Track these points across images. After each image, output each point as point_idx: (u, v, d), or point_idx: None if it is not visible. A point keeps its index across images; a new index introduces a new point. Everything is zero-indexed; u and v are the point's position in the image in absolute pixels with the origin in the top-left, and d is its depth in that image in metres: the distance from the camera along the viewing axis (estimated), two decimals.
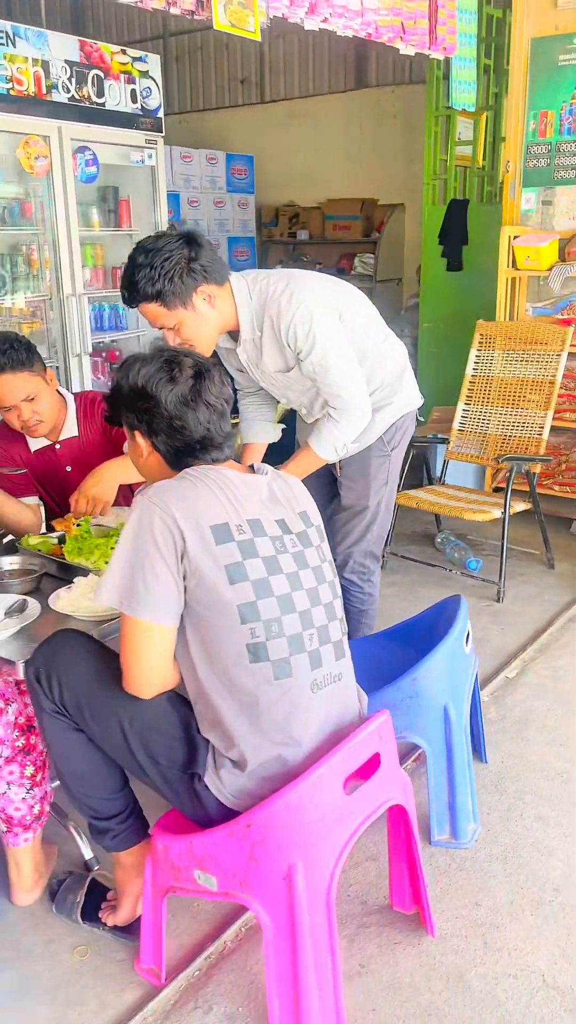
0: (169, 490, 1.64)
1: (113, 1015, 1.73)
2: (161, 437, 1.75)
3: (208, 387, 1.74)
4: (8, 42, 3.74)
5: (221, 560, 1.59)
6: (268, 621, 1.61)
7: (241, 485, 1.70)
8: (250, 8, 2.88)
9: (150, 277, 2.20)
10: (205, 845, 1.63)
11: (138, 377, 1.75)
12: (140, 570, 1.59)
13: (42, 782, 1.96)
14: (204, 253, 2.25)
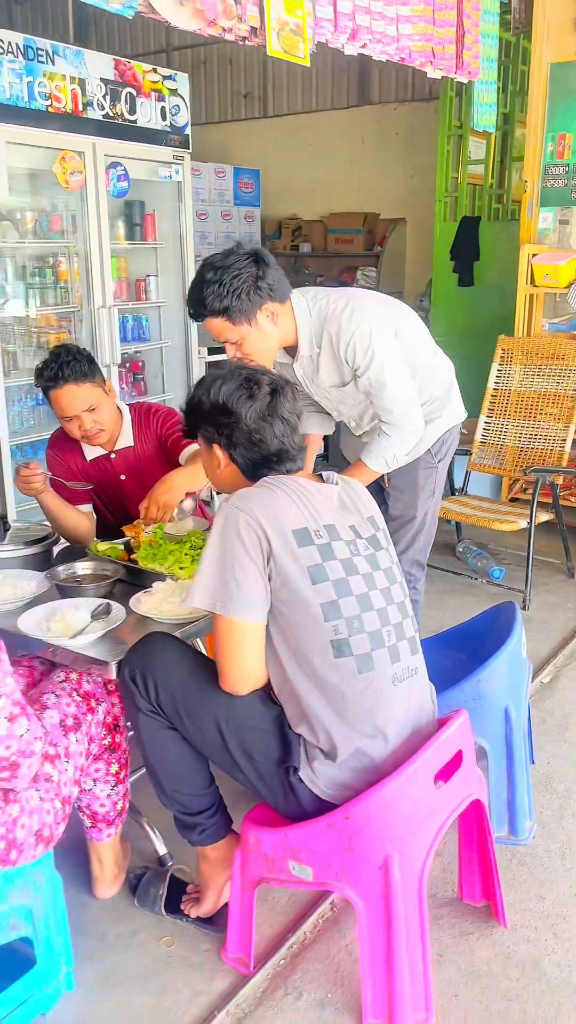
0: (252, 497, 1.74)
1: (206, 1002, 1.80)
2: (239, 450, 1.84)
3: (283, 403, 1.85)
4: (48, 60, 3.83)
5: (303, 562, 1.69)
6: (349, 618, 1.71)
7: (315, 493, 1.79)
8: (300, 35, 2.98)
9: (219, 293, 2.28)
10: (302, 837, 1.72)
11: (219, 394, 1.84)
12: (230, 571, 1.68)
13: (125, 779, 2.03)
14: (270, 272, 2.34)
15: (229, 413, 1.83)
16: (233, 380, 1.86)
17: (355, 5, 3.28)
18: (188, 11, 2.59)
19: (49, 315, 4.44)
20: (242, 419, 1.82)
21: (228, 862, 1.93)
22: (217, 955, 1.91)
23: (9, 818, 1.63)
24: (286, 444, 1.84)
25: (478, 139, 5.81)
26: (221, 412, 1.84)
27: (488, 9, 4.11)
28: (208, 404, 1.87)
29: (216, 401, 1.85)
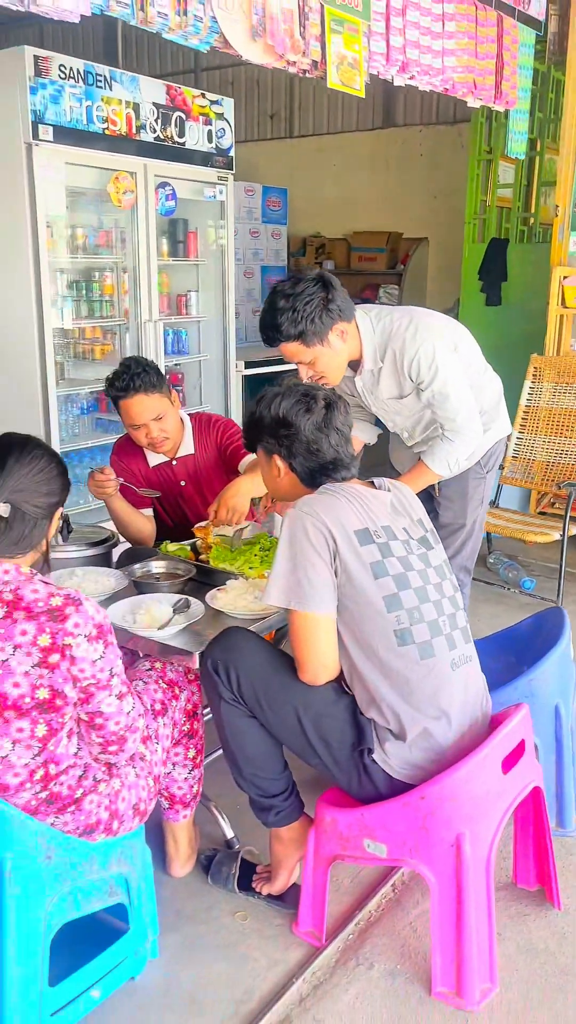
0: (316, 502, 1.89)
1: (283, 970, 1.93)
2: (298, 459, 2.00)
3: (336, 416, 2.01)
4: (106, 85, 4.00)
5: (366, 559, 1.84)
6: (410, 609, 1.86)
7: (371, 498, 1.95)
8: (356, 69, 3.15)
9: (292, 319, 2.44)
10: (377, 816, 1.85)
11: (279, 408, 2.01)
12: (302, 570, 1.83)
13: (200, 764, 2.17)
14: (337, 294, 2.49)
15: (289, 425, 1.99)
16: (291, 396, 2.03)
17: (405, 40, 3.45)
18: (260, 46, 2.76)
19: (95, 328, 4.60)
20: (301, 431, 1.98)
21: (299, 843, 2.07)
22: (289, 929, 2.04)
23: (112, 791, 1.77)
24: (340, 453, 2.00)
25: (507, 163, 5.99)
26: (281, 425, 2.00)
27: (525, 42, 4.29)
28: (269, 418, 2.03)
29: (276, 415, 2.01)
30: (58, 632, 1.58)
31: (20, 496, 1.65)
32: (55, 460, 1.74)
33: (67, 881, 1.70)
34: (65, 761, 1.67)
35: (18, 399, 4.12)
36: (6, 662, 1.56)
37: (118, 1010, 1.82)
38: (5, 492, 1.64)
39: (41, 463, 1.70)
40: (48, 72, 3.74)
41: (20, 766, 1.61)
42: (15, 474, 1.65)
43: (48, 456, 1.73)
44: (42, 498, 1.69)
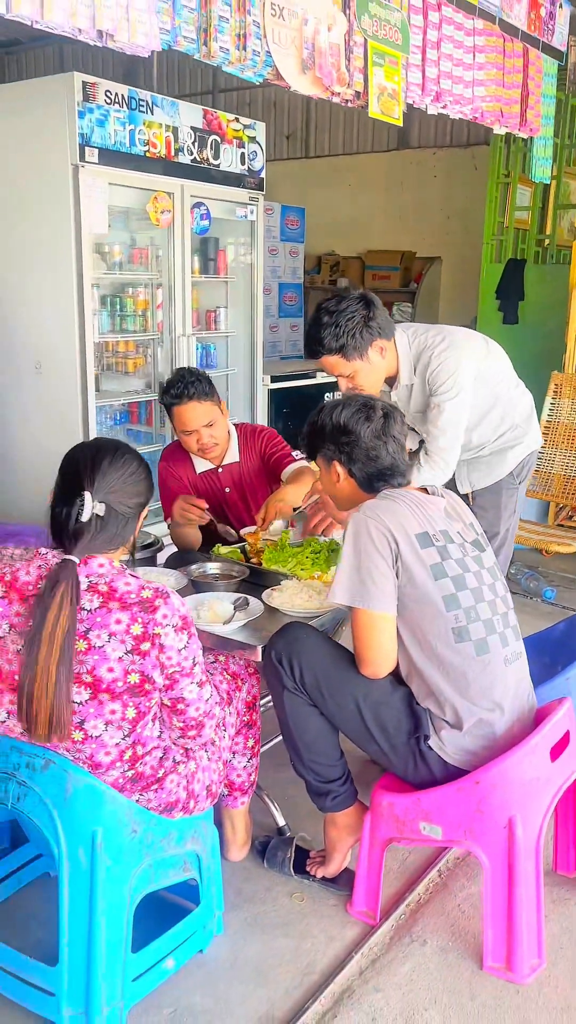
0: (378, 507, 2.02)
1: (341, 946, 2.05)
2: (358, 465, 2.14)
3: (394, 425, 2.15)
4: (147, 110, 4.18)
5: (426, 561, 1.97)
6: (467, 608, 1.99)
7: (427, 503, 2.08)
8: (396, 99, 3.32)
9: (335, 334, 2.59)
10: (433, 800, 1.98)
11: (340, 417, 2.15)
12: (366, 571, 1.96)
13: (257, 753, 2.29)
14: (378, 312, 2.64)
15: (349, 433, 2.13)
16: (352, 406, 2.17)
17: (439, 72, 3.62)
18: (309, 79, 2.92)
19: (128, 342, 4.75)
20: (361, 438, 2.12)
21: (353, 828, 2.19)
22: (344, 909, 2.16)
23: (189, 772, 1.89)
24: (397, 460, 2.14)
25: (524, 187, 6.16)
26: (342, 433, 2.14)
27: (548, 71, 4.47)
28: (330, 426, 2.17)
29: (337, 423, 2.15)
30: (149, 622, 1.71)
31: (114, 496, 1.78)
32: (142, 464, 1.88)
33: (148, 855, 1.82)
34: (150, 743, 1.80)
35: (59, 410, 4.27)
36: (102, 648, 1.69)
37: (190, 979, 1.94)
38: (101, 493, 1.77)
39: (132, 466, 1.84)
40: (95, 97, 3.91)
41: (111, 745, 1.73)
42: (109, 476, 1.79)
43: (137, 460, 1.87)
44: (132, 498, 1.82)
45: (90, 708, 1.70)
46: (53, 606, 1.67)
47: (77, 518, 1.74)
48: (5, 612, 1.74)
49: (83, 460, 1.81)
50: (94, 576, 1.73)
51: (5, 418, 4.46)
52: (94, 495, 1.76)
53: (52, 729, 1.68)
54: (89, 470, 1.79)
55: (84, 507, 1.74)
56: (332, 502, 2.37)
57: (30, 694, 1.67)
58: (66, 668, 1.66)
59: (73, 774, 1.72)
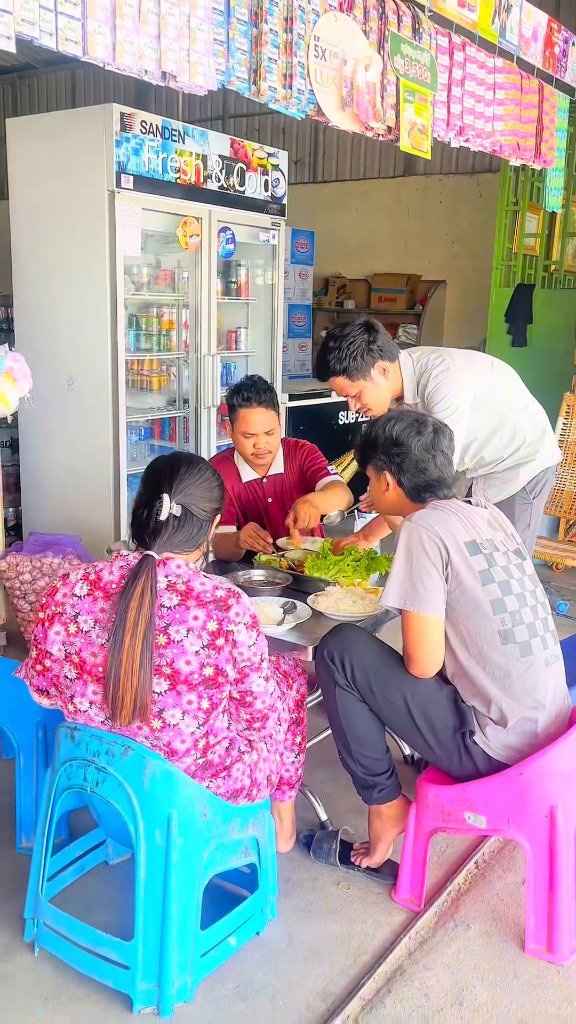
0: (429, 516, 2.17)
1: (389, 930, 2.17)
2: (407, 476, 2.29)
3: (442, 440, 2.30)
4: (179, 139, 4.36)
5: (475, 568, 2.12)
6: (512, 613, 2.13)
7: (473, 514, 2.22)
8: (425, 134, 3.50)
9: (338, 357, 2.77)
10: (478, 791, 2.11)
11: (392, 430, 2.30)
12: (417, 576, 2.10)
13: (304, 750, 2.42)
14: (380, 337, 2.82)
15: (400, 445, 2.28)
16: (404, 420, 2.32)
17: (463, 108, 3.81)
18: (348, 115, 3.10)
19: (153, 360, 4.91)
20: (411, 450, 2.26)
21: (397, 820, 2.32)
22: (388, 897, 2.29)
23: (253, 762, 2.02)
24: (444, 473, 2.29)
25: (532, 214, 6.38)
26: (394, 444, 2.29)
27: (561, 107, 4.68)
28: (383, 438, 2.32)
29: (390, 435, 2.30)
30: (223, 619, 1.85)
31: (190, 499, 1.93)
32: (216, 474, 2.03)
33: (216, 838, 1.95)
34: (220, 733, 1.93)
35: (90, 425, 4.42)
36: (180, 642, 1.83)
37: (250, 958, 2.06)
38: (179, 495, 1.92)
39: (207, 474, 1.99)
40: (132, 127, 4.09)
41: (187, 734, 1.86)
42: (186, 480, 1.94)
43: (211, 470, 2.02)
44: (207, 503, 1.97)
45: (169, 698, 1.84)
46: (135, 597, 1.81)
47: (156, 517, 1.89)
48: (91, 608, 1.88)
49: (163, 467, 1.97)
50: (172, 576, 1.87)
51: (38, 432, 4.60)
52: (172, 497, 1.91)
53: (136, 712, 1.81)
54: (168, 476, 1.94)
55: (163, 507, 1.89)
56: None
57: (116, 679, 1.81)
58: (148, 654, 1.80)
59: (151, 760, 1.85)
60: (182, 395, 4.99)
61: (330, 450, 3.56)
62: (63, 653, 1.91)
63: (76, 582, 1.92)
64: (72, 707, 1.93)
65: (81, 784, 1.94)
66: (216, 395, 4.91)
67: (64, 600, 1.92)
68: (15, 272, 4.57)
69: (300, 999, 1.95)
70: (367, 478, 2.43)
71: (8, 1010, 1.90)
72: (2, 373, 3.37)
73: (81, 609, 1.89)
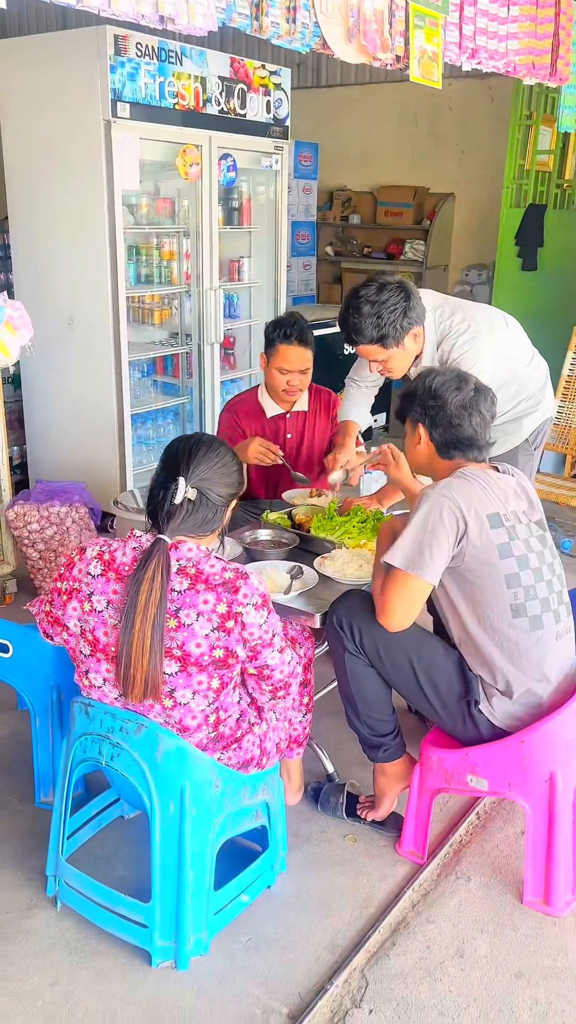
0: (454, 486, 2.16)
1: (393, 883, 2.28)
2: (439, 430, 2.27)
3: (482, 400, 2.27)
4: (177, 61, 4.15)
5: (494, 540, 2.12)
6: (527, 587, 2.15)
7: (500, 483, 2.21)
8: (435, 61, 3.33)
9: (376, 324, 2.69)
10: (480, 755, 2.18)
11: (433, 382, 2.28)
12: (428, 544, 2.10)
13: (311, 708, 2.49)
14: (416, 301, 2.74)
15: (437, 398, 2.25)
16: (447, 375, 2.30)
17: (475, 28, 3.61)
18: (355, 47, 2.94)
19: (155, 294, 4.80)
20: (447, 404, 2.24)
21: (401, 777, 2.40)
22: (393, 849, 2.39)
23: (262, 732, 2.09)
24: (478, 434, 2.26)
25: (546, 127, 6.11)
26: (431, 397, 2.27)
27: None
28: (422, 389, 2.30)
29: (429, 387, 2.28)
30: (232, 602, 1.87)
31: (206, 484, 1.92)
32: (236, 459, 2.02)
33: (228, 806, 2.02)
34: (231, 708, 1.99)
35: (92, 364, 4.36)
36: (191, 626, 1.86)
37: (261, 911, 2.17)
38: (195, 479, 1.91)
39: (225, 458, 1.98)
40: (127, 50, 3.89)
41: (198, 711, 1.92)
42: (203, 464, 1.93)
43: (231, 455, 2.00)
44: (223, 488, 1.96)
45: (179, 679, 1.88)
46: (146, 579, 1.83)
47: (171, 500, 1.89)
48: (104, 589, 1.90)
49: (181, 450, 1.96)
50: (183, 559, 1.89)
51: (39, 374, 4.55)
52: (188, 480, 1.91)
53: (147, 691, 1.86)
54: (186, 458, 1.94)
55: (178, 490, 1.89)
56: (394, 464, 2.53)
57: (128, 659, 1.85)
58: (159, 634, 1.84)
59: (164, 737, 1.91)
60: (184, 330, 4.90)
61: (336, 381, 3.54)
62: (79, 629, 1.95)
63: (91, 560, 1.94)
64: (87, 681, 1.98)
65: (96, 758, 2.01)
66: (219, 330, 4.82)
67: (80, 577, 1.94)
68: (10, 210, 4.44)
69: (309, 951, 2.06)
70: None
71: (33, 964, 2.02)
72: (1, 322, 3.32)
73: (95, 589, 1.91)
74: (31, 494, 3.72)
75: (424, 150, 8.88)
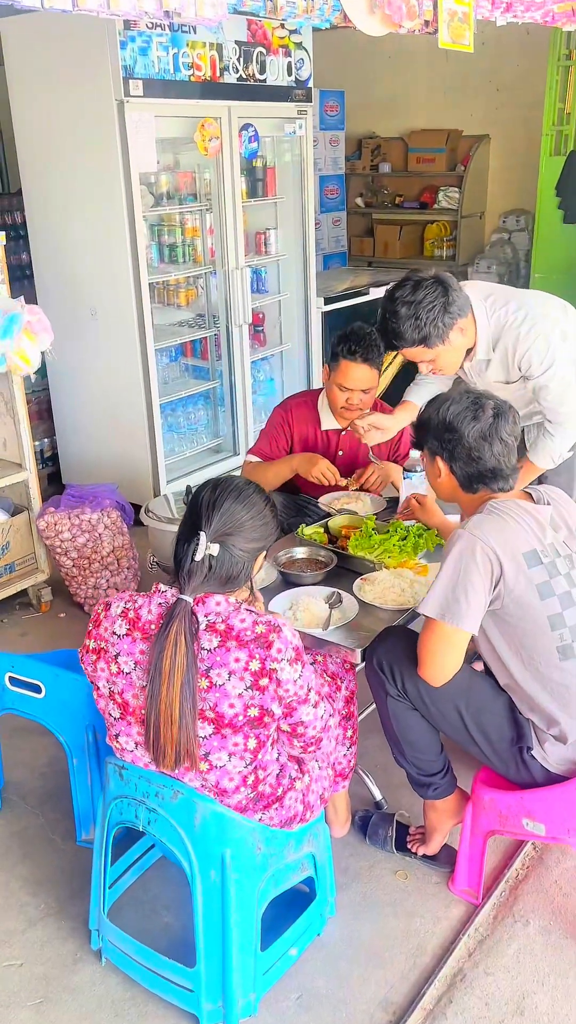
0: (487, 525, 1.99)
1: (448, 926, 2.19)
2: (459, 464, 2.10)
3: (503, 426, 2.08)
4: (191, 29, 3.90)
5: (533, 580, 1.97)
6: (572, 627, 2.00)
7: (536, 515, 2.04)
8: (466, 23, 3.06)
9: (416, 326, 2.50)
10: (537, 800, 2.06)
11: (447, 413, 2.10)
12: (462, 589, 1.95)
13: (356, 741, 2.38)
14: (456, 295, 2.53)
15: (453, 430, 2.08)
16: (461, 402, 2.11)
17: None
18: (378, 17, 2.70)
19: (179, 275, 4.62)
20: (464, 437, 2.07)
21: (453, 812, 2.30)
22: (446, 887, 2.30)
23: (305, 786, 1.99)
24: (502, 463, 2.08)
25: None
26: (446, 429, 2.09)
27: None
28: (436, 421, 2.12)
29: (443, 419, 2.10)
30: (265, 658, 1.75)
31: (230, 539, 1.79)
32: (268, 506, 1.87)
33: (272, 866, 1.94)
34: (270, 766, 1.88)
35: (118, 355, 4.22)
36: (222, 686, 1.75)
37: (311, 963, 2.10)
38: (218, 534, 1.78)
39: (254, 510, 1.83)
40: (136, 23, 3.66)
41: (235, 773, 1.82)
42: (228, 517, 1.79)
43: (263, 503, 1.85)
44: (250, 543, 1.82)
45: (214, 742, 1.78)
46: (168, 645, 1.72)
47: (192, 557, 1.77)
48: (130, 649, 1.80)
49: (205, 500, 1.82)
50: (212, 615, 1.77)
51: (63, 368, 4.43)
52: (209, 535, 1.78)
53: (179, 761, 1.77)
54: (208, 510, 1.80)
55: (199, 547, 1.76)
56: (422, 510, 2.40)
57: (156, 728, 1.75)
58: (190, 704, 1.73)
59: (201, 803, 1.82)
60: (211, 310, 4.72)
61: None
62: (107, 691, 1.86)
63: (115, 618, 1.83)
64: (118, 745, 1.89)
65: (133, 821, 1.93)
66: (247, 311, 4.64)
67: (106, 636, 1.84)
68: (26, 197, 4.28)
69: (362, 1009, 1.99)
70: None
71: None
72: (21, 329, 3.19)
73: (121, 649, 1.81)
74: (60, 500, 3.63)
75: (456, 89, 8.42)
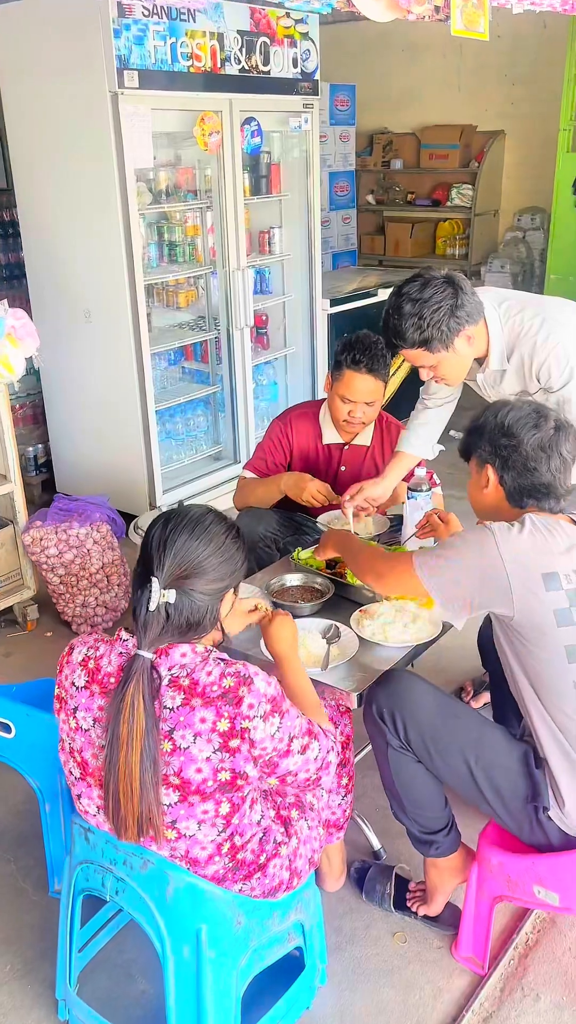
0: (509, 531, 1.81)
1: (450, 1000, 2.00)
2: (511, 473, 1.90)
3: (563, 440, 1.88)
4: (190, 17, 3.71)
5: (549, 605, 1.77)
6: None
7: (571, 538, 1.84)
8: (480, 9, 2.85)
9: (418, 326, 2.28)
10: (551, 867, 1.86)
11: (506, 417, 1.91)
12: (451, 568, 1.85)
13: (351, 790, 2.19)
14: (467, 299, 2.32)
15: (511, 436, 1.89)
16: (522, 409, 1.92)
17: None
18: (384, 3, 2.50)
19: (178, 276, 4.43)
20: (522, 444, 1.87)
21: (456, 871, 2.10)
22: (448, 952, 2.10)
23: (291, 851, 1.79)
24: (557, 480, 1.88)
25: None
26: (504, 434, 1.90)
27: None
28: (493, 424, 1.93)
29: (501, 423, 1.91)
30: (235, 716, 1.55)
31: (188, 583, 1.58)
32: (230, 538, 1.66)
33: (254, 941, 1.75)
34: (248, 831, 1.68)
35: (113, 359, 4.04)
36: (187, 749, 1.55)
37: None
38: (172, 578, 1.58)
39: (212, 546, 1.61)
40: (131, 11, 3.47)
41: (207, 842, 1.62)
42: (183, 557, 1.58)
43: (224, 535, 1.64)
44: (211, 584, 1.61)
45: (180, 810, 1.58)
46: (125, 708, 1.53)
47: (145, 607, 1.57)
48: (88, 704, 1.61)
49: (156, 538, 1.60)
50: (176, 668, 1.57)
51: (56, 373, 4.25)
52: (163, 581, 1.58)
53: (142, 831, 1.58)
54: (160, 551, 1.59)
55: (152, 596, 1.56)
56: (444, 527, 2.29)
57: (115, 796, 1.56)
58: (150, 774, 1.53)
59: (173, 874, 1.63)
60: (212, 312, 4.53)
61: None
62: (68, 746, 1.67)
63: (76, 666, 1.64)
64: (81, 806, 1.71)
65: (100, 889, 1.74)
66: (249, 314, 4.44)
67: (66, 686, 1.65)
68: (18, 195, 4.10)
69: None
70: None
71: None
72: (3, 335, 3.01)
73: (79, 703, 1.62)
74: (47, 513, 3.45)
75: (471, 83, 8.20)
